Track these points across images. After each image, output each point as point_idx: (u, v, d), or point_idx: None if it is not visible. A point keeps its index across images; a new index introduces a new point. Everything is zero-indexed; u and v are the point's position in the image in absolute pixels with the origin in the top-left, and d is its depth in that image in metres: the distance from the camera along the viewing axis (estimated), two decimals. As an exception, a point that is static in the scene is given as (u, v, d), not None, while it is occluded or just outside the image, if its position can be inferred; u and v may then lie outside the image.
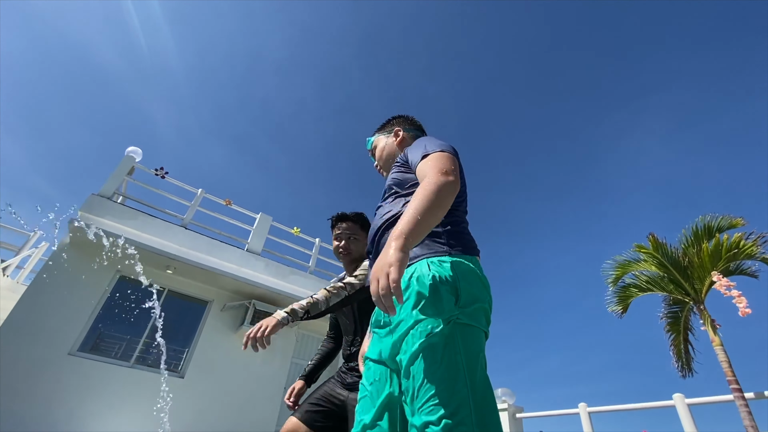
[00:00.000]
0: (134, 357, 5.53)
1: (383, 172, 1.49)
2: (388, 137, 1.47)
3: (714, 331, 3.93)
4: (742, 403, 3.52)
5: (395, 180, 1.18)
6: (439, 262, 0.91)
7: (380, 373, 0.96)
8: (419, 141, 1.18)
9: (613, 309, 4.94)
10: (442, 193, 0.91)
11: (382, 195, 1.27)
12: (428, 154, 1.06)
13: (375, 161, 1.52)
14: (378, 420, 0.92)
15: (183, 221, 6.83)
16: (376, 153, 1.49)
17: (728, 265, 3.92)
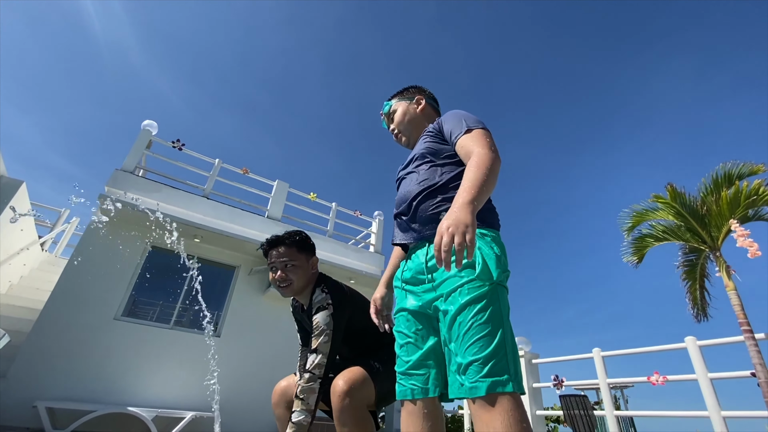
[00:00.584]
0: (173, 320, 5.95)
1: (402, 136, 1.51)
2: (410, 104, 1.49)
3: (729, 276, 4.02)
4: (752, 343, 3.67)
5: (429, 149, 1.24)
6: (481, 235, 1.03)
7: (424, 323, 1.11)
8: (455, 114, 1.23)
9: (628, 259, 5.04)
10: (495, 168, 1.00)
11: (410, 160, 1.33)
12: (471, 130, 1.13)
13: (391, 125, 1.55)
14: (426, 360, 1.08)
15: (204, 191, 7.03)
16: (396, 117, 1.51)
17: (746, 212, 3.93)
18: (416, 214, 1.15)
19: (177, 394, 5.47)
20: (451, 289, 0.98)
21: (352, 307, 1.70)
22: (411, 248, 1.21)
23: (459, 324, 0.93)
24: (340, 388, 1.42)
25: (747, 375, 3.80)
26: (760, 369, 3.54)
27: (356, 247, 8.51)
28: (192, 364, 5.74)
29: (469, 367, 0.89)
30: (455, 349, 0.93)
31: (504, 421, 0.83)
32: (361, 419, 1.44)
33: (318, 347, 1.50)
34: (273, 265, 1.72)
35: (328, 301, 1.60)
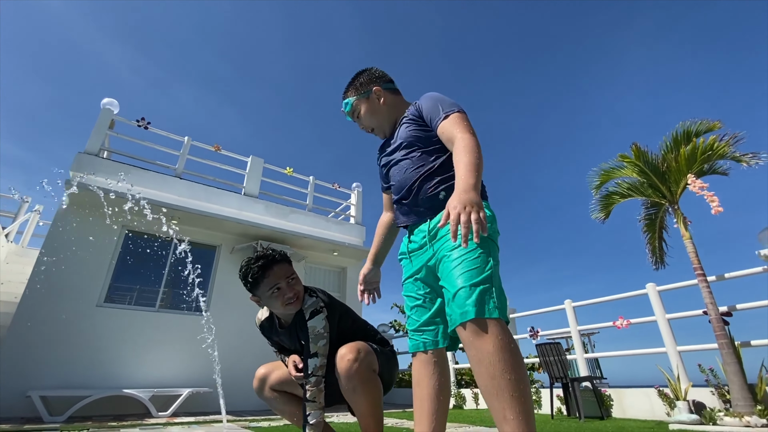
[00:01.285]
0: (158, 302, 5.92)
1: (376, 132, 1.51)
2: (369, 99, 1.47)
3: (685, 227, 4.38)
4: (705, 285, 4.08)
5: (416, 137, 1.30)
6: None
7: (431, 285, 1.25)
8: (431, 98, 1.29)
9: (596, 216, 5.37)
10: (478, 150, 1.09)
11: (396, 147, 1.37)
12: (449, 115, 1.21)
13: (359, 123, 1.53)
14: (435, 318, 1.23)
15: (176, 171, 6.82)
16: (362, 116, 1.48)
17: (702, 167, 4.24)
18: (417, 197, 1.24)
19: (172, 373, 5.55)
20: (450, 244, 1.10)
21: (340, 309, 1.72)
22: (411, 226, 1.33)
23: (454, 263, 1.05)
24: (345, 354, 1.48)
25: (699, 313, 4.25)
26: (711, 307, 3.97)
27: (337, 220, 8.57)
28: (182, 343, 5.80)
29: (458, 293, 0.99)
30: (451, 284, 1.04)
31: (495, 344, 0.91)
32: (368, 380, 1.50)
33: (318, 351, 1.53)
34: (278, 284, 1.56)
35: (320, 305, 1.60)
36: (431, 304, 1.25)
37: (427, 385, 1.22)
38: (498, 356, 0.91)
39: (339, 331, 1.67)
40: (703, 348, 4.19)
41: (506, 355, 0.92)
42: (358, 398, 1.50)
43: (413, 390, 1.26)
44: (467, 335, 0.96)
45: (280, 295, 1.56)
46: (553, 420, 4.52)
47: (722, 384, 3.85)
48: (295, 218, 7.83)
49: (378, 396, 1.55)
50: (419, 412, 1.22)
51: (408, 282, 1.32)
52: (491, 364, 0.91)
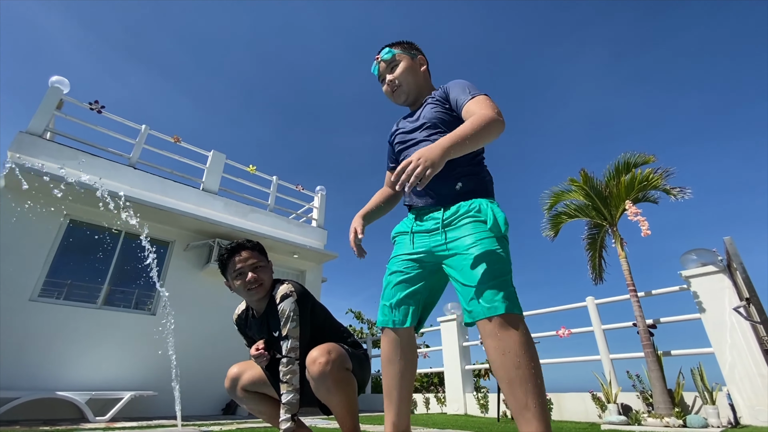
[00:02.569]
0: (101, 299, 5.53)
1: (402, 91, 1.47)
2: (414, 60, 1.47)
3: (621, 247, 4.90)
4: (635, 299, 4.58)
5: (440, 119, 1.33)
6: (489, 203, 1.23)
7: (421, 267, 1.29)
8: (459, 84, 1.32)
9: (546, 234, 5.83)
10: (490, 127, 1.08)
11: (419, 126, 1.38)
12: (475, 96, 1.23)
13: (388, 75, 1.48)
14: (410, 298, 1.28)
15: (130, 160, 6.45)
16: (399, 70, 1.45)
17: (638, 195, 4.79)
18: (435, 182, 1.26)
19: (112, 375, 5.19)
20: (473, 239, 1.15)
21: (313, 300, 1.78)
22: (421, 208, 1.36)
23: (476, 259, 1.11)
24: (317, 358, 1.49)
25: (629, 325, 4.75)
26: (640, 320, 4.46)
27: (298, 222, 8.49)
28: (126, 343, 5.46)
29: (485, 292, 1.04)
30: (471, 280, 1.10)
31: (521, 337, 0.99)
32: (341, 380, 1.53)
33: (288, 333, 1.58)
34: (241, 270, 1.68)
35: (290, 290, 1.67)
36: (413, 284, 1.29)
37: (398, 365, 1.27)
38: (524, 348, 0.99)
39: (312, 327, 1.71)
40: (632, 356, 4.68)
41: (531, 348, 1.00)
42: (333, 398, 1.54)
43: (384, 369, 1.31)
44: (493, 328, 1.02)
45: (243, 279, 1.68)
46: (498, 422, 4.80)
47: (647, 389, 4.33)
48: (256, 218, 7.66)
49: (353, 393, 1.60)
50: (391, 391, 1.27)
51: (400, 258, 1.33)
52: (518, 355, 0.98)
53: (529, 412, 0.96)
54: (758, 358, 3.76)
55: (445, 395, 6.44)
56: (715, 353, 4.11)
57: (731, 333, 4.00)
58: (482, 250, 1.11)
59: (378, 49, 1.53)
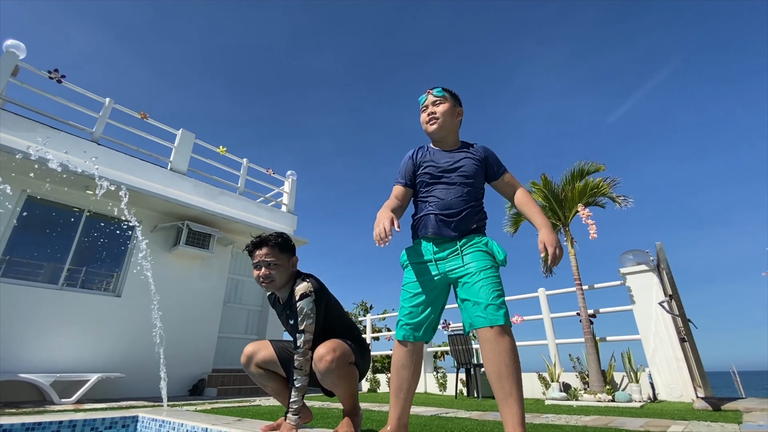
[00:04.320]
0: (62, 279, 5.33)
1: (439, 128, 1.73)
2: (456, 108, 1.78)
3: (572, 245, 5.48)
4: (580, 292, 5.19)
5: (475, 174, 1.67)
6: (490, 240, 1.57)
7: (438, 290, 1.59)
8: (493, 153, 1.76)
9: (507, 230, 6.35)
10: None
11: (456, 167, 1.67)
12: (507, 170, 1.76)
13: (432, 109, 1.74)
14: (427, 317, 1.57)
15: (93, 135, 6.15)
16: (442, 109, 1.73)
17: (589, 200, 5.36)
18: (461, 223, 1.58)
19: (77, 357, 5.09)
20: (480, 265, 1.49)
21: (328, 297, 1.96)
22: (439, 238, 1.61)
23: (482, 282, 1.45)
24: (324, 356, 1.70)
25: (574, 314, 5.37)
26: (583, 310, 5.08)
27: (267, 206, 8.47)
28: (91, 325, 5.34)
29: (489, 306, 1.38)
30: (480, 298, 1.42)
31: (511, 343, 1.35)
32: (346, 374, 1.77)
33: (305, 328, 1.77)
34: (257, 263, 1.88)
35: (310, 289, 1.84)
36: (431, 305, 1.59)
37: (410, 370, 1.56)
38: (513, 351, 1.34)
39: (326, 320, 1.92)
40: (574, 341, 5.32)
41: (516, 352, 1.36)
42: (337, 388, 1.80)
43: (397, 371, 1.58)
44: (493, 334, 1.35)
45: (255, 272, 1.90)
46: (456, 399, 5.29)
47: (584, 370, 4.98)
48: (225, 200, 7.58)
49: (354, 382, 1.87)
50: (400, 391, 1.55)
51: (421, 282, 1.59)
52: (508, 356, 1.32)
53: (512, 398, 1.30)
54: (675, 345, 4.47)
55: (406, 376, 6.90)
56: (642, 340, 4.81)
57: (655, 323, 4.69)
58: (488, 276, 1.47)
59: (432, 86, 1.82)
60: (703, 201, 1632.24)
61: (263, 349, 2.01)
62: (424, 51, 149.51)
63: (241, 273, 7.64)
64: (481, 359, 1.49)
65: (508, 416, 1.29)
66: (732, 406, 3.51)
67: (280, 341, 2.06)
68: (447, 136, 1.76)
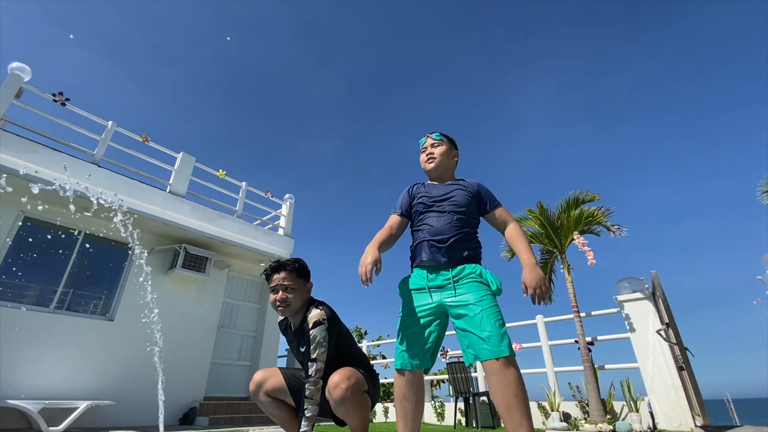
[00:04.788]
0: (54, 303, 5.23)
1: (436, 167, 1.87)
2: (452, 151, 1.94)
3: (568, 272, 5.56)
4: (578, 319, 5.23)
5: (467, 205, 1.73)
6: (484, 269, 1.61)
7: (433, 318, 1.61)
8: (487, 189, 1.82)
9: (504, 255, 6.42)
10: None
11: (446, 197, 1.75)
12: (500, 205, 1.80)
13: (431, 150, 1.90)
14: (424, 345, 1.59)
15: (94, 158, 6.17)
16: (439, 151, 1.89)
17: (584, 228, 5.49)
18: (451, 249, 1.62)
19: (66, 383, 4.94)
20: (477, 296, 1.51)
21: (340, 326, 1.98)
22: (434, 266, 1.65)
23: (482, 313, 1.46)
24: (339, 383, 1.71)
25: (572, 342, 5.38)
26: (581, 337, 5.10)
27: (265, 229, 8.46)
28: (82, 350, 5.21)
29: (491, 338, 1.38)
30: (481, 330, 1.43)
31: (517, 374, 1.35)
32: (360, 403, 1.78)
33: (317, 357, 1.77)
34: (275, 287, 1.91)
35: (323, 317, 1.86)
36: (429, 333, 1.60)
37: (413, 401, 1.57)
38: (519, 382, 1.35)
39: (337, 349, 1.92)
40: (573, 369, 5.31)
41: (523, 382, 1.37)
42: (350, 417, 1.79)
43: (400, 402, 1.58)
44: (499, 366, 1.36)
45: (272, 296, 1.92)
46: (455, 429, 5.20)
47: (584, 399, 4.95)
48: (223, 223, 7.56)
49: (367, 412, 1.87)
50: (407, 421, 1.56)
51: (418, 310, 1.62)
52: (516, 387, 1.33)
53: (523, 428, 1.30)
54: (673, 373, 4.49)
55: (403, 404, 6.76)
56: (640, 368, 4.82)
57: (653, 351, 4.73)
58: (487, 306, 1.48)
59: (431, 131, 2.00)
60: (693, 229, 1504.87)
61: (273, 377, 2.00)
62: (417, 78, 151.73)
63: (236, 297, 7.55)
64: (489, 390, 1.49)
65: None
66: (732, 436, 3.52)
67: (289, 369, 2.06)
68: (443, 174, 1.90)
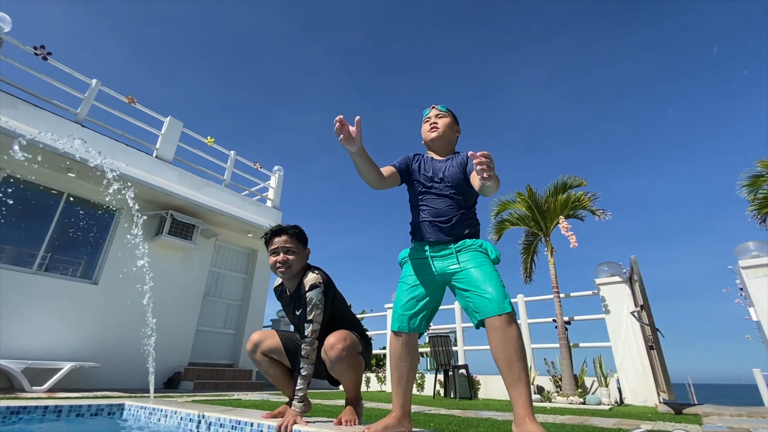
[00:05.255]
0: (36, 263, 5.14)
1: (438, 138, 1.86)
2: (454, 126, 1.94)
3: (551, 254, 5.73)
4: (557, 299, 5.43)
5: (459, 181, 1.74)
6: (485, 242, 1.68)
7: (435, 286, 1.67)
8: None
9: (491, 237, 6.55)
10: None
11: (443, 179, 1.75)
12: None
13: (435, 121, 1.89)
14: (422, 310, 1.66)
15: (77, 116, 5.95)
16: (443, 123, 1.88)
17: (570, 212, 5.63)
18: (453, 228, 1.69)
19: (51, 345, 4.92)
20: (479, 261, 1.59)
21: (335, 290, 2.03)
22: (437, 242, 1.71)
23: (485, 275, 1.53)
24: (335, 344, 1.79)
25: (550, 320, 5.61)
26: (559, 316, 5.31)
27: (253, 200, 8.40)
28: (66, 312, 5.17)
29: (495, 296, 1.45)
30: (483, 289, 1.50)
31: (518, 329, 1.42)
32: (355, 363, 1.86)
33: (313, 318, 1.82)
34: (276, 249, 1.94)
35: (319, 280, 1.90)
36: (427, 298, 1.68)
37: (408, 361, 1.65)
38: (520, 338, 1.42)
39: (332, 313, 1.98)
40: (550, 347, 5.56)
41: (521, 338, 1.45)
42: (345, 376, 1.88)
43: (396, 364, 1.65)
44: (501, 322, 1.42)
45: (273, 258, 1.94)
46: (434, 399, 5.42)
47: (558, 374, 5.21)
48: (210, 192, 7.46)
49: (360, 372, 1.96)
50: (401, 381, 1.64)
51: (418, 276, 1.70)
52: (517, 342, 1.39)
53: (521, 381, 1.39)
54: (643, 353, 4.75)
55: (385, 375, 6.98)
56: (612, 347, 5.08)
57: (625, 331, 4.97)
58: (488, 269, 1.57)
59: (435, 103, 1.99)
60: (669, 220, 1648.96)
61: (269, 338, 2.06)
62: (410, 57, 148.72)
63: (222, 266, 7.54)
64: (490, 347, 1.47)
65: (518, 398, 1.38)
66: (691, 410, 3.78)
67: (286, 332, 2.12)
68: (444, 147, 1.90)
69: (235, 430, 2.01)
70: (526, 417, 1.35)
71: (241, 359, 7.16)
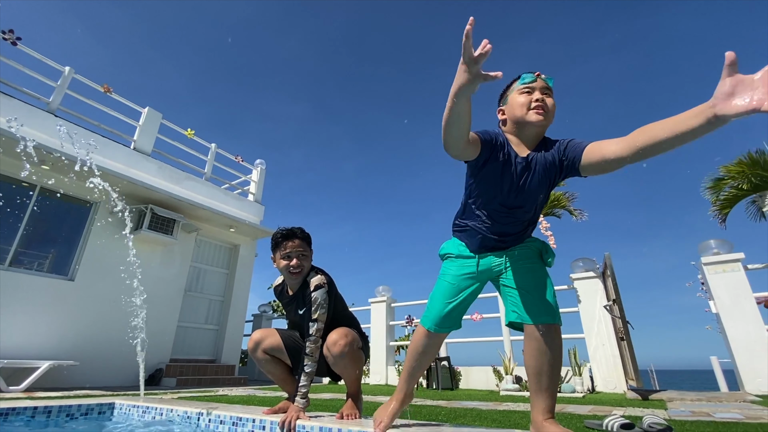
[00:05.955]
0: (8, 259, 4.94)
1: (543, 114, 1.36)
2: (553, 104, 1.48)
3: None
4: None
5: (539, 195, 1.45)
6: (542, 241, 1.57)
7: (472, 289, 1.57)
8: (575, 141, 1.43)
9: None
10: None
11: (519, 189, 1.39)
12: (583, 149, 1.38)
13: (542, 97, 1.38)
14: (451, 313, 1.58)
15: (50, 106, 5.71)
16: (551, 105, 1.39)
17: (548, 210, 5.88)
18: (512, 241, 1.52)
19: (27, 343, 4.77)
20: (531, 262, 1.49)
21: (336, 291, 2.10)
22: (486, 252, 1.57)
23: (539, 280, 1.44)
24: (337, 340, 1.85)
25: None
26: (536, 310, 5.57)
27: (234, 194, 8.28)
28: (41, 310, 5.01)
29: (548, 305, 1.39)
30: (535, 293, 1.42)
31: (560, 342, 1.38)
32: (356, 358, 1.94)
33: (318, 317, 1.88)
34: (289, 254, 1.98)
35: (324, 281, 1.96)
36: (463, 299, 1.58)
37: (430, 356, 1.68)
38: (560, 350, 1.39)
39: (334, 311, 2.06)
40: (527, 339, 5.81)
41: (561, 350, 1.41)
42: (347, 371, 1.96)
43: (416, 356, 1.65)
44: (549, 331, 1.37)
45: (288, 263, 1.98)
46: (417, 390, 5.59)
47: (535, 364, 5.47)
48: (191, 186, 7.32)
49: (361, 368, 2.05)
50: (417, 372, 1.69)
51: (459, 276, 1.59)
52: (557, 352, 1.37)
53: (547, 392, 1.38)
54: (613, 344, 5.05)
55: (369, 367, 7.11)
56: (585, 338, 5.38)
57: (598, 324, 5.27)
58: (543, 274, 1.49)
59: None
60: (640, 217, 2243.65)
61: (270, 336, 2.11)
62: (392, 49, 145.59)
63: (204, 262, 7.44)
64: (526, 350, 1.43)
65: (538, 404, 1.37)
66: (657, 396, 4.08)
67: (285, 330, 2.17)
68: (539, 136, 1.43)
69: (236, 426, 2.06)
70: (544, 422, 1.36)
71: (223, 354, 7.12)
